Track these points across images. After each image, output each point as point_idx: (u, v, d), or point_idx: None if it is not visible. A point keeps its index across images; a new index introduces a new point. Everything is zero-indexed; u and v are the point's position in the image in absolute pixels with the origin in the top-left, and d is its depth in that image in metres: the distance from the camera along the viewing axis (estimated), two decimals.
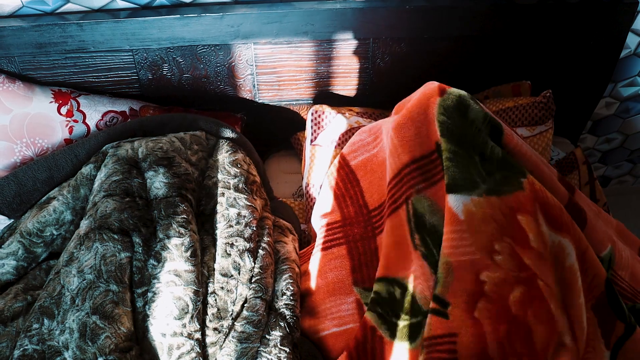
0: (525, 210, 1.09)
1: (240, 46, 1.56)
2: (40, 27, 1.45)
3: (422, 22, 1.56)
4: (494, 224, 1.08)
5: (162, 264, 1.14)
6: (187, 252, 1.15)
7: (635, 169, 2.26)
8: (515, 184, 1.11)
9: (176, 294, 1.10)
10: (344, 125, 1.53)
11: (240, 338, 1.11)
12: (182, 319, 1.09)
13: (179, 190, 1.24)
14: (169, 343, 1.07)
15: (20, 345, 1.05)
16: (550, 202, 1.11)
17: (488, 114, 1.19)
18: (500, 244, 1.08)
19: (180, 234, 1.17)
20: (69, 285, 1.10)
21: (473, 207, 1.09)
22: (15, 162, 1.48)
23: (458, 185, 1.11)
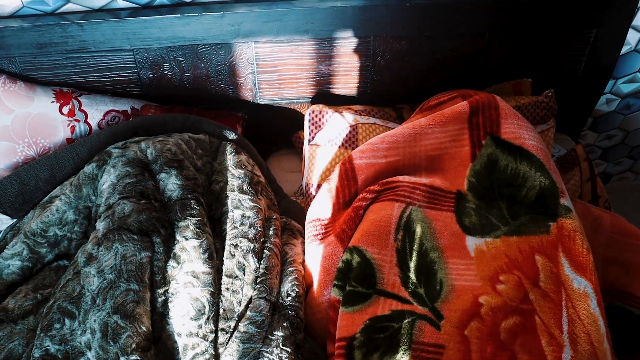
0: (544, 253, 1.17)
1: (241, 45, 1.56)
2: (41, 27, 1.45)
3: (423, 19, 1.56)
4: (505, 259, 1.19)
5: (180, 265, 1.16)
6: (205, 254, 1.16)
7: (636, 165, 2.26)
8: (542, 228, 1.20)
9: (193, 295, 1.12)
10: (341, 123, 1.53)
11: (242, 338, 1.11)
12: (199, 320, 1.10)
13: (192, 192, 1.25)
14: (184, 343, 1.08)
15: (40, 344, 1.06)
16: (577, 248, 1.16)
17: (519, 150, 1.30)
18: (507, 276, 1.17)
19: (198, 236, 1.18)
20: (89, 286, 1.11)
21: (484, 247, 1.22)
22: (17, 162, 1.48)
23: (476, 229, 1.26)
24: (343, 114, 1.55)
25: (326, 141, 1.52)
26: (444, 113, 1.39)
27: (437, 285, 1.18)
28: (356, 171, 1.35)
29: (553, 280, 1.14)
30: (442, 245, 1.24)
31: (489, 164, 1.32)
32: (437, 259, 1.22)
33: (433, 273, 1.20)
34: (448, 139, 1.37)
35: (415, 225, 1.25)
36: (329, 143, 1.51)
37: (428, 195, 1.30)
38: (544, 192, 1.25)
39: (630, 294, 1.28)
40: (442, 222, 1.27)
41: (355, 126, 1.52)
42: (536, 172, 1.27)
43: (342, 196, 1.34)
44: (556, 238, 1.17)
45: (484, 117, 1.37)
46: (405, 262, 1.22)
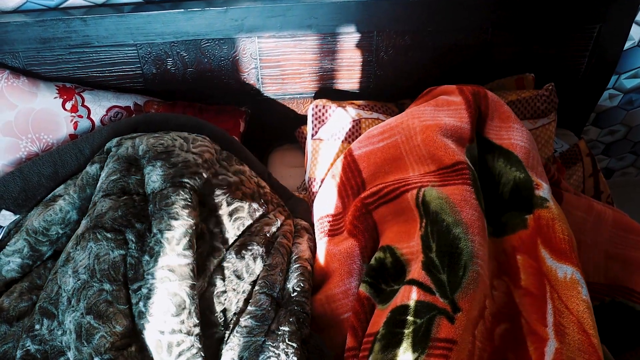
0: (524, 250, 1.15)
1: (244, 40, 1.56)
2: (44, 22, 1.45)
3: (426, 14, 1.55)
4: (495, 262, 1.15)
5: (154, 259, 1.11)
6: (180, 245, 1.11)
7: (639, 160, 2.26)
8: (520, 223, 1.18)
9: (171, 290, 1.07)
10: (345, 118, 1.53)
11: (243, 332, 1.11)
12: (180, 315, 1.06)
13: (172, 179, 1.20)
14: (168, 341, 1.05)
15: (22, 345, 1.05)
16: (557, 236, 1.13)
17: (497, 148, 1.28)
18: (498, 281, 1.14)
19: (171, 227, 1.13)
20: (65, 286, 1.10)
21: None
22: (20, 157, 1.48)
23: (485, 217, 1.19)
24: (346, 109, 1.55)
25: (329, 136, 1.52)
26: (438, 100, 1.39)
27: (460, 270, 1.08)
28: (358, 162, 1.35)
29: (534, 276, 1.12)
30: (465, 219, 1.13)
31: (473, 158, 1.30)
32: (461, 235, 1.11)
33: (458, 253, 1.09)
34: (444, 115, 1.34)
35: (431, 203, 1.17)
36: (332, 138, 1.51)
37: (438, 176, 1.24)
38: (518, 185, 1.23)
39: (632, 289, 1.28)
40: (460, 195, 1.17)
41: (359, 121, 1.52)
42: (511, 168, 1.25)
43: (349, 189, 1.34)
44: (534, 231, 1.15)
45: (480, 107, 1.36)
46: (428, 245, 1.14)
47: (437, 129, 1.29)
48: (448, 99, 1.38)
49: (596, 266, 1.32)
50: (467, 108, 1.34)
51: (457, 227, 1.12)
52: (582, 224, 1.34)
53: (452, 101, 1.36)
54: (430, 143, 1.28)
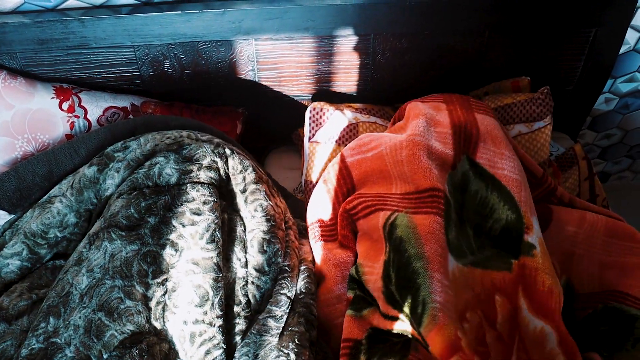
0: (505, 293, 1.13)
1: (241, 42, 1.56)
2: (42, 23, 1.45)
3: (423, 17, 1.56)
4: (471, 293, 1.13)
5: (179, 253, 1.16)
6: (203, 240, 1.16)
7: (635, 164, 2.27)
8: (504, 264, 1.16)
9: (195, 282, 1.12)
10: (342, 121, 1.54)
11: (260, 331, 1.12)
12: (203, 307, 1.10)
13: (189, 175, 1.24)
14: (191, 331, 1.09)
15: (28, 344, 1.06)
16: (537, 288, 1.14)
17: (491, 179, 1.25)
18: (472, 314, 1.12)
19: (194, 222, 1.18)
20: (77, 284, 1.11)
21: (457, 273, 1.15)
22: (16, 157, 1.48)
23: (454, 248, 1.18)
24: (344, 112, 1.55)
25: (326, 139, 1.52)
26: (427, 114, 1.37)
27: (419, 307, 1.08)
28: (350, 169, 1.35)
29: (510, 323, 1.12)
30: (427, 253, 1.13)
31: (462, 182, 1.28)
32: (421, 270, 1.11)
33: (416, 288, 1.10)
34: (433, 136, 1.32)
35: (397, 230, 1.18)
36: (330, 141, 1.52)
37: (416, 201, 1.23)
38: (509, 226, 1.21)
39: (626, 293, 1.28)
40: (429, 227, 1.17)
41: (356, 124, 1.53)
42: (504, 205, 1.23)
43: (340, 196, 1.34)
44: (517, 277, 1.15)
45: (465, 134, 1.33)
46: (388, 275, 1.16)
47: (422, 148, 1.28)
48: (435, 117, 1.37)
49: (590, 276, 1.33)
50: (452, 134, 1.32)
51: (418, 260, 1.12)
52: (573, 237, 1.35)
53: (438, 121, 1.35)
54: (413, 161, 1.27)
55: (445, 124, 1.32)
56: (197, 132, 1.37)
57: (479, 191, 1.24)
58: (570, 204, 1.40)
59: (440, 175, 1.25)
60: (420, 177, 1.24)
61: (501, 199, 1.22)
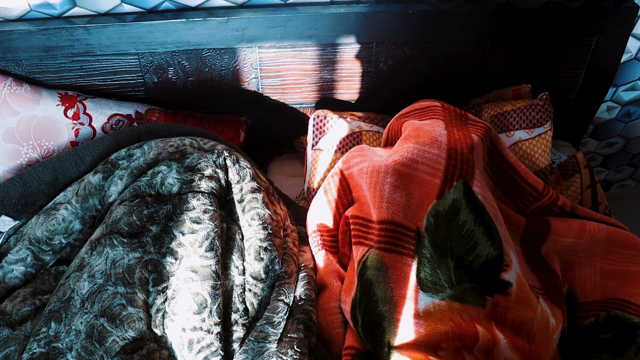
0: (483, 325, 1.14)
1: (245, 50, 1.57)
2: (48, 30, 1.46)
3: (425, 26, 1.57)
4: (451, 323, 1.13)
5: (179, 261, 1.17)
6: (202, 248, 1.17)
7: (637, 173, 2.27)
8: (479, 300, 1.16)
9: (194, 289, 1.13)
10: (345, 129, 1.54)
11: (258, 337, 1.12)
12: (201, 314, 1.11)
13: (191, 185, 1.25)
14: (189, 338, 1.10)
15: (29, 349, 1.07)
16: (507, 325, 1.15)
17: (481, 213, 1.22)
18: (447, 344, 1.12)
19: (194, 230, 1.18)
20: (79, 290, 1.12)
21: (432, 309, 1.14)
22: (21, 164, 1.49)
23: (427, 286, 1.16)
24: (347, 120, 1.56)
25: (329, 147, 1.53)
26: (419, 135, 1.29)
27: (384, 348, 1.12)
28: (348, 181, 1.34)
29: (485, 352, 1.12)
30: (395, 297, 1.15)
31: (450, 211, 1.20)
32: (386, 314, 1.13)
33: (380, 332, 1.13)
34: (422, 161, 1.24)
35: (368, 272, 1.18)
36: (333, 149, 1.52)
37: (388, 235, 1.20)
38: (488, 263, 1.18)
39: (627, 301, 1.28)
40: (400, 270, 1.17)
41: (359, 133, 1.53)
42: (487, 241, 1.19)
43: (341, 207, 1.34)
44: (490, 313, 1.15)
45: (462, 158, 1.25)
46: (355, 316, 1.17)
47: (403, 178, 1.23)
48: (432, 134, 1.28)
49: (592, 284, 1.33)
50: (446, 158, 1.24)
51: (385, 304, 1.14)
52: (573, 248, 1.35)
53: (436, 140, 1.27)
54: (392, 191, 1.23)
55: (442, 146, 1.25)
56: (200, 139, 1.38)
57: (467, 223, 1.20)
58: (573, 213, 1.40)
59: (419, 208, 1.21)
60: (395, 209, 1.21)
61: (486, 234, 1.20)
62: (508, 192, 1.39)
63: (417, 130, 1.31)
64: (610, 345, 1.24)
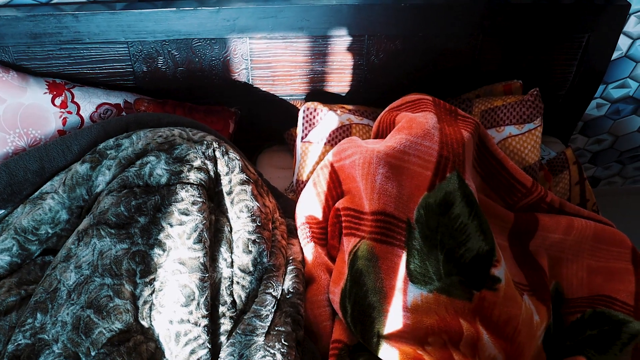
0: (467, 319, 1.14)
1: (235, 40, 1.56)
2: (36, 17, 1.44)
3: (418, 19, 1.56)
4: (436, 317, 1.13)
5: (167, 253, 1.16)
6: (190, 240, 1.16)
7: (625, 170, 2.29)
8: (466, 293, 1.16)
9: (182, 281, 1.12)
10: (335, 122, 1.54)
11: (246, 330, 1.12)
12: (189, 306, 1.11)
13: (179, 176, 1.24)
14: (176, 330, 1.09)
15: (14, 340, 1.06)
16: (493, 320, 1.16)
17: (475, 206, 1.22)
18: (434, 337, 1.12)
19: (182, 222, 1.18)
20: (65, 281, 1.11)
21: (419, 301, 1.14)
22: (7, 152, 1.47)
23: (417, 277, 1.16)
24: (337, 113, 1.55)
25: (319, 139, 1.52)
26: (412, 126, 1.30)
27: (374, 338, 1.12)
28: (338, 173, 1.33)
29: (471, 347, 1.13)
30: (385, 287, 1.15)
31: (442, 204, 1.21)
32: (376, 304, 1.14)
33: (370, 322, 1.13)
34: (413, 152, 1.25)
35: (358, 262, 1.18)
36: (322, 141, 1.52)
37: (379, 226, 1.20)
38: (479, 257, 1.18)
39: (613, 297, 1.29)
40: (391, 260, 1.18)
41: (349, 126, 1.53)
42: (480, 235, 1.19)
43: (330, 200, 1.34)
44: (476, 307, 1.15)
45: (454, 152, 1.25)
46: (344, 306, 1.17)
47: (393, 169, 1.24)
48: (425, 126, 1.29)
49: (579, 281, 1.34)
50: (438, 150, 1.24)
51: (375, 295, 1.15)
52: (561, 244, 1.36)
53: (428, 132, 1.27)
54: (383, 182, 1.23)
55: (434, 139, 1.26)
56: (189, 129, 1.37)
57: (461, 217, 1.20)
58: (561, 209, 1.41)
59: (410, 200, 1.21)
60: (386, 200, 1.21)
61: (479, 228, 1.20)
62: (497, 189, 1.39)
63: (410, 121, 1.31)
64: (595, 342, 1.25)
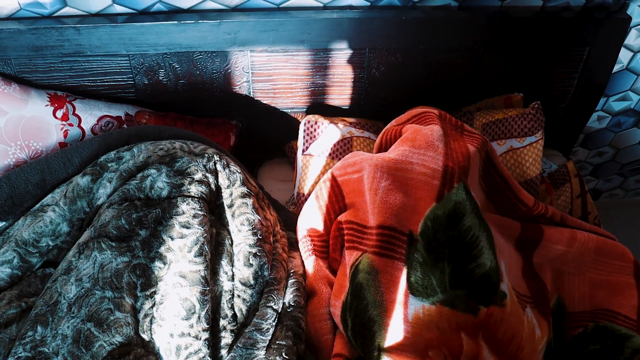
0: (469, 333, 1.13)
1: (236, 53, 1.57)
2: (38, 30, 1.45)
3: (418, 33, 1.57)
4: (437, 331, 1.12)
5: (167, 266, 1.16)
6: (191, 253, 1.16)
7: (626, 182, 2.28)
8: (471, 308, 1.15)
9: (182, 295, 1.12)
10: (336, 135, 1.54)
11: (247, 344, 1.12)
12: (189, 320, 1.10)
13: (181, 189, 1.24)
14: (177, 343, 1.09)
15: (14, 352, 1.05)
16: (498, 337, 1.15)
17: (482, 218, 1.21)
18: (435, 351, 1.11)
19: (183, 235, 1.18)
20: (66, 294, 1.11)
21: (421, 313, 1.13)
22: (8, 164, 1.47)
23: (418, 290, 1.14)
24: (338, 126, 1.55)
25: (320, 152, 1.52)
26: (416, 137, 1.29)
27: (374, 352, 1.11)
28: (342, 187, 1.33)
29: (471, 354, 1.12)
30: (386, 301, 1.14)
31: (452, 215, 1.19)
32: (376, 318, 1.13)
33: (370, 335, 1.12)
34: (418, 162, 1.23)
35: (359, 275, 1.17)
36: (323, 154, 1.52)
37: (381, 239, 1.19)
38: (489, 273, 1.17)
39: (616, 312, 1.28)
40: (391, 274, 1.17)
41: (350, 139, 1.53)
42: (489, 250, 1.18)
43: (332, 213, 1.33)
44: (481, 322, 1.14)
45: (459, 164, 1.24)
46: (345, 319, 1.17)
47: (399, 181, 1.23)
48: (429, 138, 1.28)
49: (581, 295, 1.34)
50: (444, 160, 1.23)
51: (376, 308, 1.14)
52: (564, 256, 1.35)
53: (432, 144, 1.26)
54: (387, 195, 1.22)
55: (439, 150, 1.25)
56: (190, 142, 1.37)
57: (472, 229, 1.18)
58: (562, 223, 1.40)
59: (414, 212, 1.20)
60: (388, 213, 1.20)
61: (487, 242, 1.19)
62: (500, 206, 1.39)
63: (414, 132, 1.31)
64: (598, 356, 1.24)
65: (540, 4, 1.61)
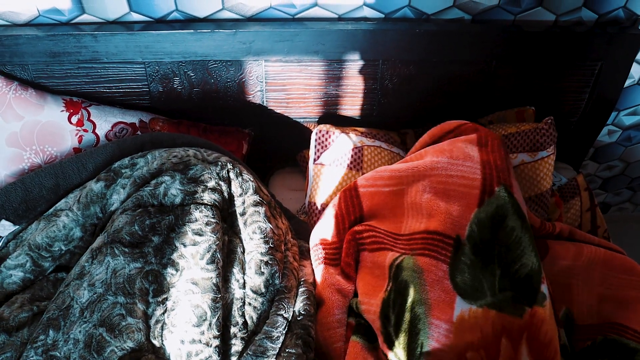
0: (511, 337, 1.15)
1: (251, 63, 1.58)
2: (55, 36, 1.47)
3: (432, 45, 1.58)
4: (479, 334, 1.14)
5: (180, 273, 1.17)
6: (203, 260, 1.17)
7: (635, 196, 2.28)
8: (518, 310, 1.16)
9: (194, 302, 1.12)
10: (348, 145, 1.54)
11: (257, 352, 1.12)
12: (201, 326, 1.11)
13: (193, 196, 1.25)
14: (187, 350, 1.09)
15: (26, 356, 1.06)
16: (539, 338, 1.16)
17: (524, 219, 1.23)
18: (473, 353, 1.12)
19: (195, 242, 1.18)
20: (78, 298, 1.12)
21: (466, 315, 1.15)
22: (23, 168, 1.48)
23: (466, 292, 1.17)
24: (349, 135, 1.56)
25: (331, 161, 1.53)
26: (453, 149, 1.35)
27: (417, 349, 1.12)
28: (361, 198, 1.35)
29: None
30: (431, 299, 1.16)
31: (495, 217, 1.23)
32: (422, 316, 1.15)
33: (415, 332, 1.14)
34: (458, 174, 1.30)
35: (404, 273, 1.20)
36: (334, 163, 1.53)
37: (423, 242, 1.23)
38: (532, 273, 1.19)
39: (625, 326, 1.28)
40: (435, 274, 1.19)
41: (361, 148, 1.54)
42: (532, 251, 1.21)
43: (347, 222, 1.35)
44: (525, 324, 1.15)
45: (497, 168, 1.29)
46: (387, 315, 1.18)
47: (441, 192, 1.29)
48: (465, 150, 1.34)
49: (589, 309, 1.33)
50: (481, 168, 1.29)
51: (421, 306, 1.15)
52: (569, 270, 1.35)
53: (468, 155, 1.32)
54: (431, 206, 1.28)
55: (475, 159, 1.31)
56: (204, 150, 1.38)
57: (516, 230, 1.21)
58: (571, 237, 1.40)
59: (461, 217, 1.24)
60: (434, 220, 1.25)
61: (529, 242, 1.21)
62: None
63: (450, 144, 1.37)
64: None
65: (553, 19, 1.62)
